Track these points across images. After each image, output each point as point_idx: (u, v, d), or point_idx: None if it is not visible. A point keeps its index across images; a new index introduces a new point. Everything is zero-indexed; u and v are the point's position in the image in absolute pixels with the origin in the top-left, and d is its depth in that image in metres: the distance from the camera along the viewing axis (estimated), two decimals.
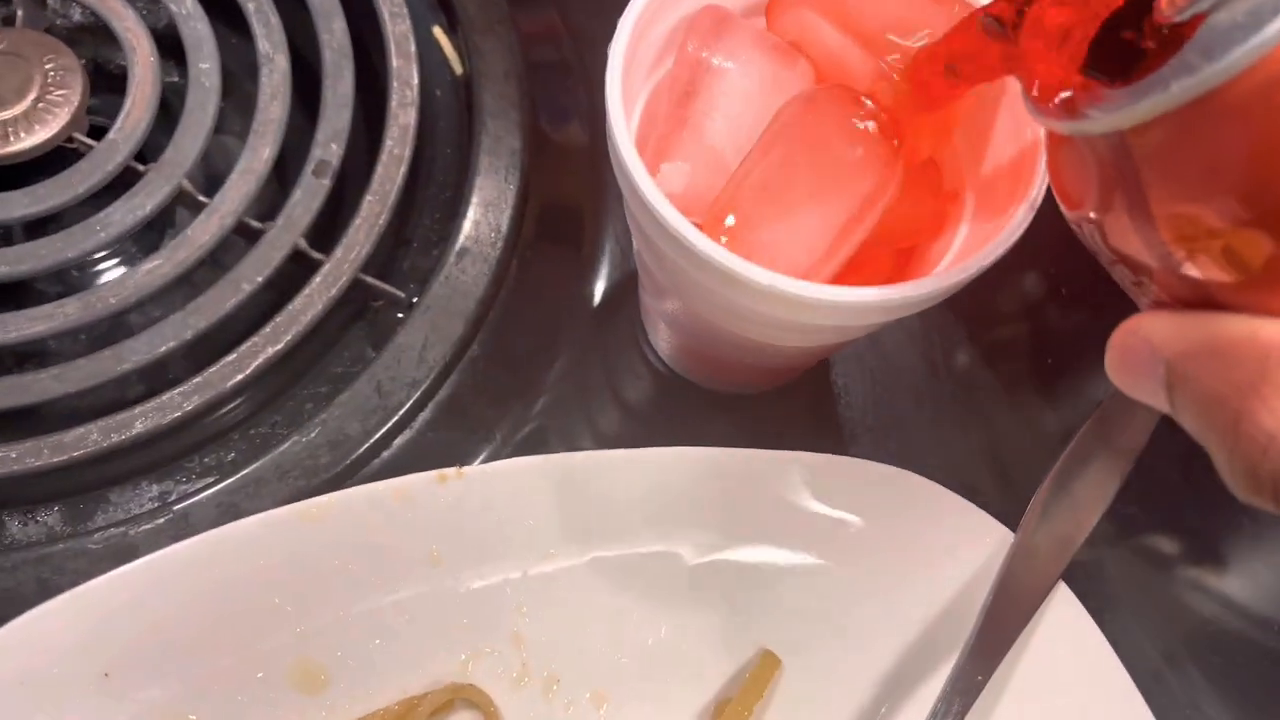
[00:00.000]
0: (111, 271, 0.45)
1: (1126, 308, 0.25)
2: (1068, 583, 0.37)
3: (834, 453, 0.38)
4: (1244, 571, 0.44)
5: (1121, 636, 0.38)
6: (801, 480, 0.37)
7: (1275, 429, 0.17)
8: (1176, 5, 0.16)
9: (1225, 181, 0.16)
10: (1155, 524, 0.44)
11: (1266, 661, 0.42)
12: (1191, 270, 0.18)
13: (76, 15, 0.48)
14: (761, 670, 0.36)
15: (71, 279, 0.44)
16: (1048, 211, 0.48)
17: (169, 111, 0.44)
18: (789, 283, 0.29)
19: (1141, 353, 0.20)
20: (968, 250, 0.32)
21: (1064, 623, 0.37)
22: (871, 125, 0.31)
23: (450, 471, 0.36)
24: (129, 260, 0.45)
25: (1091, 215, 0.21)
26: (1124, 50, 0.18)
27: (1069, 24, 0.20)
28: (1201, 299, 0.19)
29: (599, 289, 0.45)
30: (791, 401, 0.45)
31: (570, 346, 0.44)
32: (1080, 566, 0.40)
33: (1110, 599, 0.42)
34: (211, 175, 0.44)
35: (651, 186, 0.29)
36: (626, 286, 0.45)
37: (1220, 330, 0.19)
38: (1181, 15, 0.16)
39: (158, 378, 0.42)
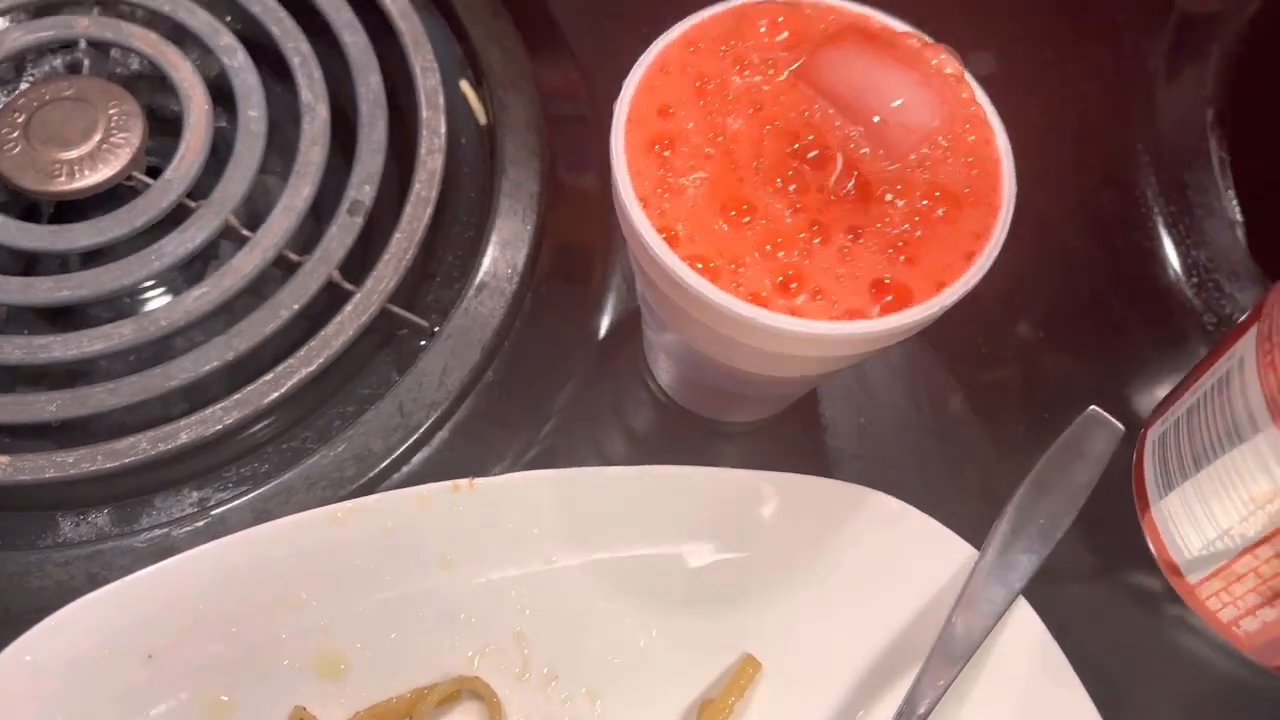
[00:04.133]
0: (158, 300, 0.49)
1: (1107, 349, 0.28)
2: (1032, 601, 0.40)
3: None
4: None
5: (1083, 654, 0.40)
6: (783, 498, 0.41)
7: None
8: None
9: None
10: (1125, 553, 0.47)
11: (1227, 684, 0.45)
12: None
13: (135, 64, 0.53)
14: (743, 672, 0.40)
15: (123, 306, 0.48)
16: (1033, 256, 0.52)
17: (218, 154, 0.48)
18: (768, 315, 0.32)
19: None
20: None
21: (1023, 636, 0.40)
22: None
23: (463, 482, 0.39)
24: (174, 290, 0.49)
25: None
26: None
27: None
28: None
29: (605, 323, 0.49)
30: (782, 431, 0.48)
31: (577, 376, 0.48)
32: (1045, 586, 0.43)
33: (1073, 618, 0.45)
34: (254, 212, 0.48)
35: (650, 229, 0.33)
36: (631, 322, 0.49)
37: None
38: None
39: (199, 396, 0.45)
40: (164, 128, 0.50)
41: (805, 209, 0.34)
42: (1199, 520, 0.40)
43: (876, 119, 0.36)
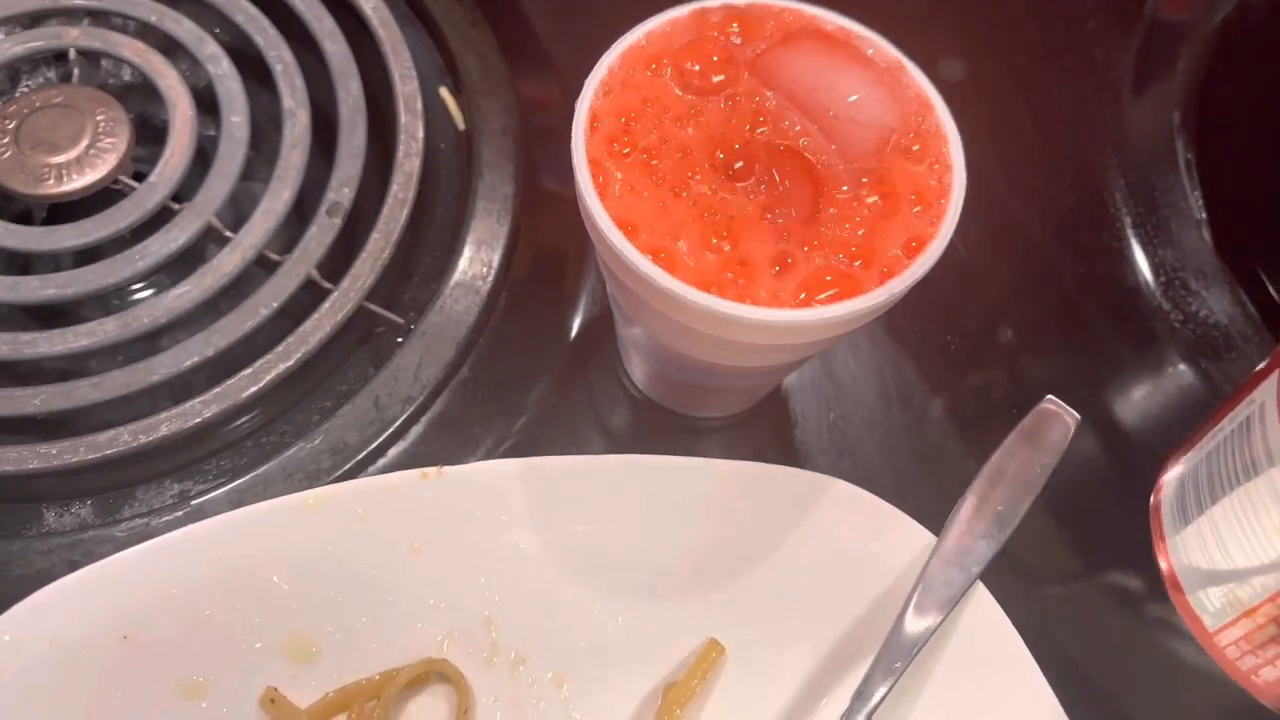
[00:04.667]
0: (145, 299, 0.50)
1: (1076, 348, 0.28)
2: (998, 593, 0.41)
3: None
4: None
5: (1046, 640, 0.41)
6: (748, 486, 0.42)
7: None
8: None
9: None
10: (1113, 556, 0.48)
11: (1203, 674, 0.45)
12: None
13: (126, 75, 0.54)
14: (706, 656, 0.40)
15: (110, 305, 0.50)
16: (1002, 257, 0.53)
17: (203, 159, 0.50)
18: (720, 302, 0.33)
19: None
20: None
21: (981, 621, 0.40)
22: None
23: (432, 470, 0.41)
24: (159, 290, 0.50)
25: None
26: None
27: None
28: None
29: (577, 323, 0.50)
30: (754, 427, 0.49)
31: (550, 373, 0.49)
32: (1014, 580, 0.44)
33: (1041, 605, 0.45)
34: (237, 215, 0.49)
35: (606, 218, 0.34)
36: (604, 322, 0.50)
37: None
38: None
39: (182, 392, 0.47)
40: (152, 136, 0.52)
41: (757, 204, 0.35)
42: (1216, 563, 0.40)
43: (831, 114, 0.37)
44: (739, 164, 0.36)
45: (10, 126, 0.48)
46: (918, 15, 0.48)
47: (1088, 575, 0.48)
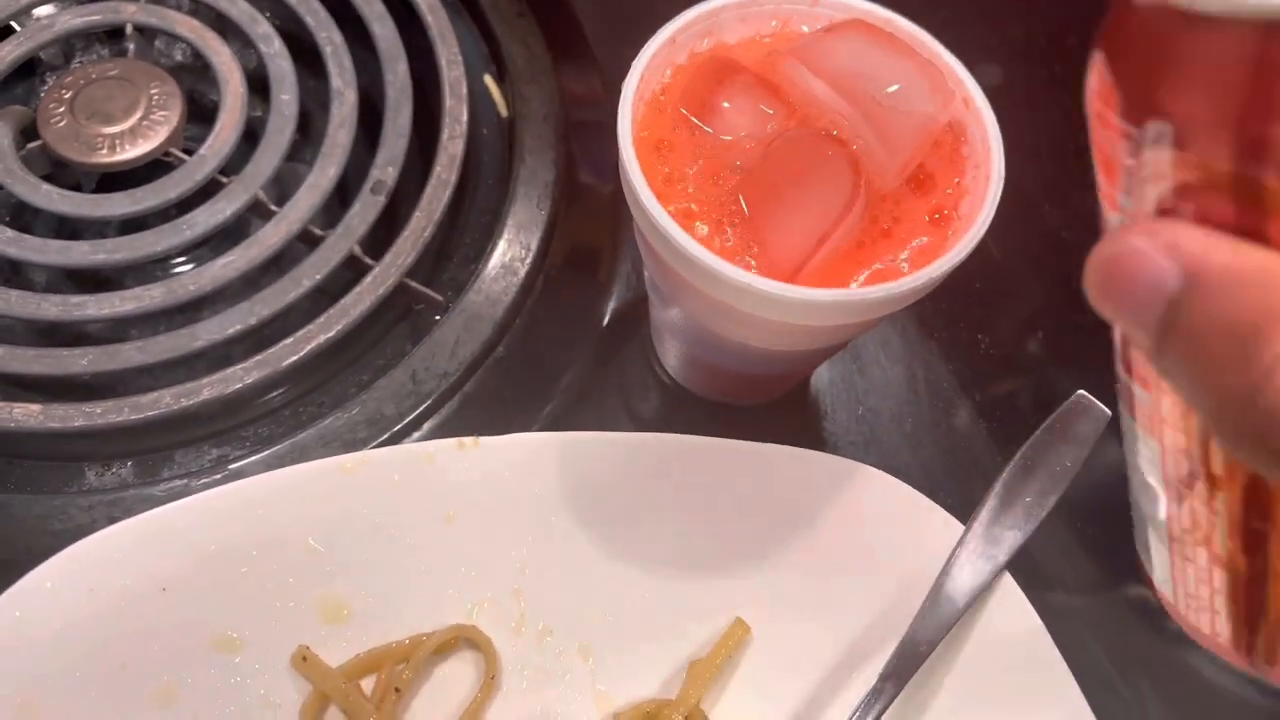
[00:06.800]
0: (186, 271, 0.51)
1: (1107, 346, 0.29)
2: (1029, 590, 0.41)
3: None
4: None
5: (1076, 644, 0.41)
6: (779, 470, 0.42)
7: None
8: None
9: None
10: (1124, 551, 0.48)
11: (1219, 688, 0.46)
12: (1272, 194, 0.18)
13: (179, 55, 0.56)
14: (731, 635, 0.41)
15: (152, 275, 0.50)
16: (1034, 259, 0.53)
17: (250, 138, 0.51)
18: (761, 281, 0.34)
19: (1153, 262, 0.18)
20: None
21: (1007, 610, 0.41)
22: (840, 158, 0.36)
23: (468, 440, 0.41)
24: (201, 261, 0.51)
25: (1171, 109, 0.20)
26: None
27: None
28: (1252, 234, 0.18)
29: (611, 309, 0.51)
30: (782, 415, 0.50)
31: (583, 356, 0.49)
32: (1044, 578, 0.44)
33: (1070, 609, 0.45)
34: (282, 192, 0.50)
35: (653, 199, 0.35)
36: (637, 310, 0.51)
37: (1265, 257, 0.17)
38: None
39: (223, 362, 0.47)
40: (201, 115, 0.53)
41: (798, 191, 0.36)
42: (1143, 522, 0.37)
43: (875, 101, 0.37)
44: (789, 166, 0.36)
45: (66, 96, 0.49)
46: (955, 22, 0.48)
47: (1110, 582, 0.48)
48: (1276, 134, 0.19)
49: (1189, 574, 0.34)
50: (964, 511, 0.43)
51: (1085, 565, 0.48)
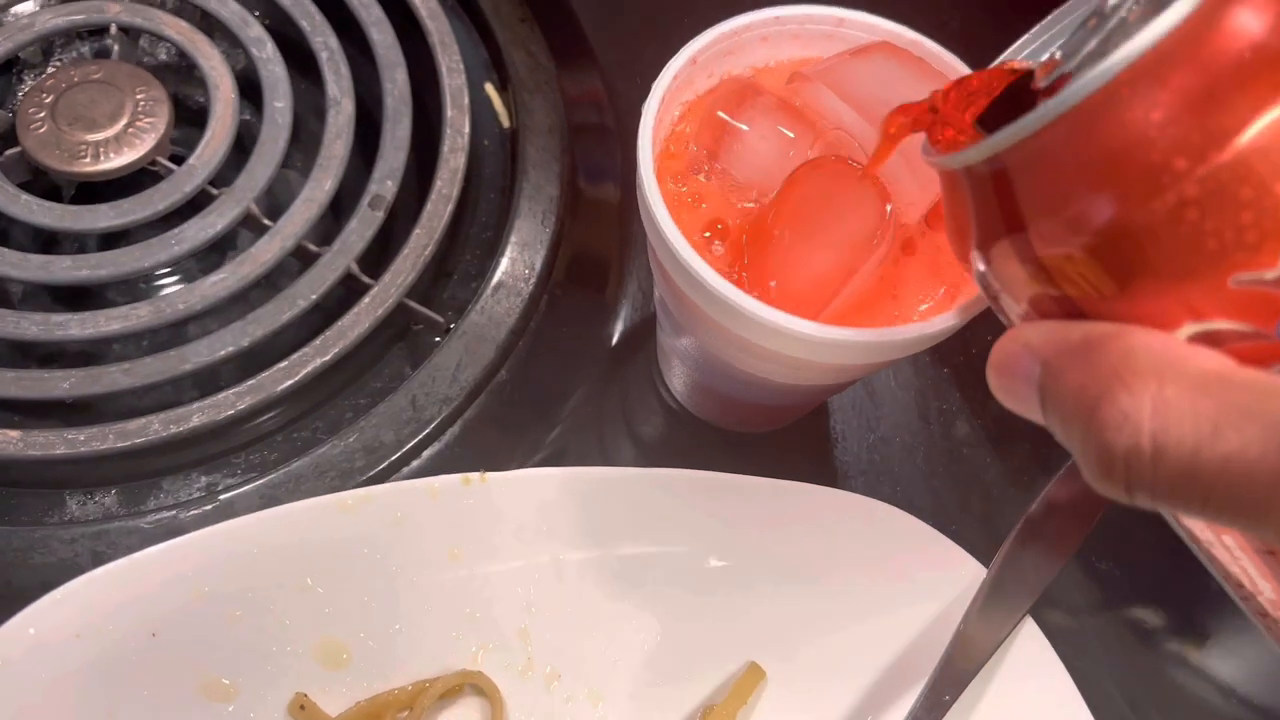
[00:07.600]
0: (173, 287, 0.49)
1: None
2: (1043, 626, 0.40)
3: None
4: (1223, 645, 0.46)
5: (1091, 681, 0.40)
6: (794, 507, 0.41)
7: (1130, 409, 0.19)
8: (1041, 76, 0.23)
9: (1069, 197, 0.21)
10: (1138, 589, 0.47)
11: None
12: (1065, 287, 0.22)
13: (164, 54, 0.53)
14: (746, 680, 0.39)
15: (136, 291, 0.48)
16: None
17: (242, 146, 0.49)
18: (787, 319, 0.32)
19: (1020, 359, 0.22)
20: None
21: (1029, 655, 0.39)
22: (868, 189, 0.35)
23: (475, 476, 0.39)
24: (189, 278, 0.49)
25: (979, 250, 0.24)
26: (1011, 111, 0.22)
27: (977, 91, 0.26)
28: (1075, 314, 0.22)
29: (618, 330, 0.49)
30: (792, 443, 0.48)
31: (588, 379, 0.48)
32: (1057, 615, 0.43)
33: (1083, 647, 0.44)
34: (275, 204, 0.48)
35: (673, 228, 0.33)
36: (643, 330, 0.49)
37: (1089, 329, 0.21)
38: (1045, 82, 0.23)
39: (213, 383, 0.45)
40: (189, 118, 0.51)
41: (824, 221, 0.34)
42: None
43: None
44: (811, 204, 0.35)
45: (47, 101, 0.47)
46: (974, 36, 0.47)
47: (1131, 615, 0.47)
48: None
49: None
50: (977, 542, 0.42)
51: (1099, 597, 0.47)
